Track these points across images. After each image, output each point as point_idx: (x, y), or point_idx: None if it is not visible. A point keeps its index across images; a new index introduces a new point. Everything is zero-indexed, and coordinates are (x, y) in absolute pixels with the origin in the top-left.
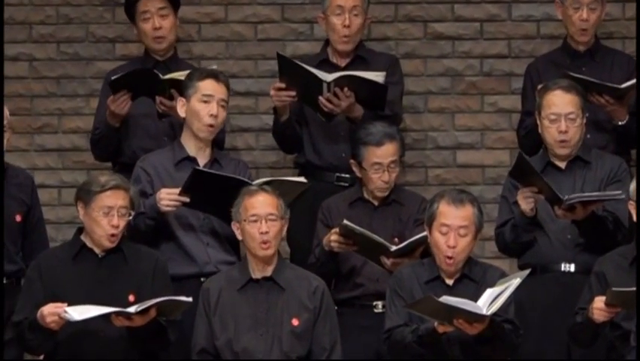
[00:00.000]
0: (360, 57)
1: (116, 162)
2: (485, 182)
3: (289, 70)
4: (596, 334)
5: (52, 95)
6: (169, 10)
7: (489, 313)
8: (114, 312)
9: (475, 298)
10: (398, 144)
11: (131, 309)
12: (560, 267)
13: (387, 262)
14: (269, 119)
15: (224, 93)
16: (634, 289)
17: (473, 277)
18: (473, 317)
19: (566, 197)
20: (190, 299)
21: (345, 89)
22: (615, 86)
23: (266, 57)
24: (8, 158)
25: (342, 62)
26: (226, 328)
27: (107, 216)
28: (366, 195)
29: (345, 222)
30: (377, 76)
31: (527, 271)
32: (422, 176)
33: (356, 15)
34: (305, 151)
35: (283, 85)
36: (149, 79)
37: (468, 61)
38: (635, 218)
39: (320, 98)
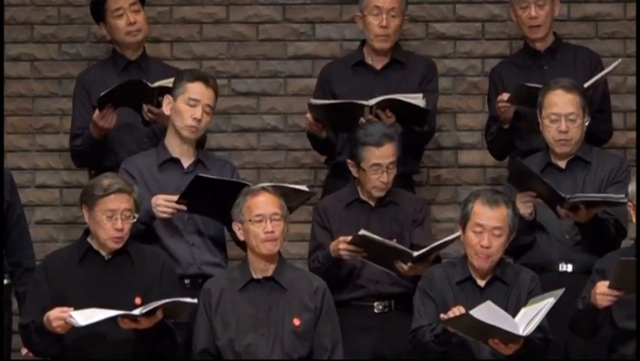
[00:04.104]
0: (397, 60)
1: (96, 167)
2: (487, 182)
3: (325, 110)
4: (597, 323)
5: (53, 96)
6: (139, 6)
7: (525, 333)
8: (120, 315)
9: (506, 300)
10: (396, 145)
11: (136, 311)
12: (559, 267)
13: (405, 267)
14: (270, 120)
15: (210, 99)
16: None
17: (505, 279)
18: (509, 337)
19: (569, 195)
20: (195, 301)
21: (387, 110)
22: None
23: (267, 57)
24: (10, 158)
25: (379, 65)
26: (227, 328)
27: (111, 220)
28: (362, 196)
29: (363, 232)
30: (416, 98)
31: (562, 291)
32: (423, 176)
33: (394, 16)
34: (339, 152)
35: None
36: (136, 89)
37: (469, 61)
38: (634, 219)
39: (361, 119)
